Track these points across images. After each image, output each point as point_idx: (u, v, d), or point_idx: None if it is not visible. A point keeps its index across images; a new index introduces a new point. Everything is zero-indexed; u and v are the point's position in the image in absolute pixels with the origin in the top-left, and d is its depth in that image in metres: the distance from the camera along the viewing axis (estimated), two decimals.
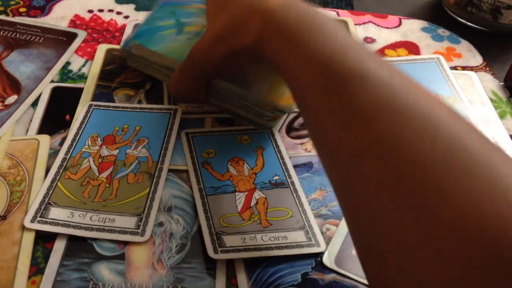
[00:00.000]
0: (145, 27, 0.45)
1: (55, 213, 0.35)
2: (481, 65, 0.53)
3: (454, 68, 0.52)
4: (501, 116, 0.47)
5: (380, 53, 0.53)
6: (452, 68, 0.52)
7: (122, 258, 0.33)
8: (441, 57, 0.52)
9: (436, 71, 0.51)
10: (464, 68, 0.52)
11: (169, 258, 0.34)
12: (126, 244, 0.34)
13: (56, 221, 0.34)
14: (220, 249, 0.33)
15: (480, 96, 0.48)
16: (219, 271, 0.33)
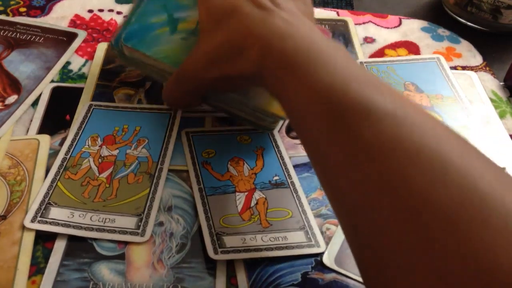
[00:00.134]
0: (135, 25, 0.42)
1: (55, 213, 0.35)
2: (481, 65, 0.53)
3: (454, 68, 0.52)
4: (501, 116, 0.47)
5: (380, 53, 0.53)
6: (452, 68, 0.52)
7: (122, 258, 0.33)
8: (441, 57, 0.52)
9: (436, 71, 0.51)
10: (464, 68, 0.52)
11: (169, 257, 0.34)
12: (126, 244, 0.34)
13: (56, 221, 0.34)
14: (220, 250, 0.33)
15: (480, 96, 0.48)
16: (219, 270, 0.33)
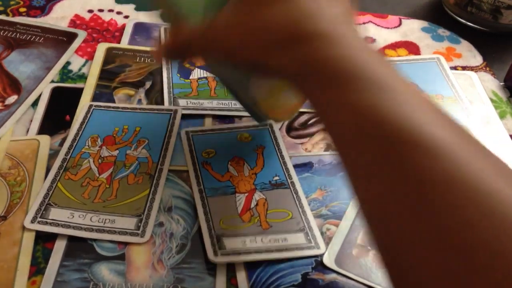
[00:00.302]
0: None
1: (55, 213, 0.35)
2: (481, 65, 0.53)
3: (454, 68, 0.52)
4: (501, 116, 0.47)
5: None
6: (452, 68, 0.52)
7: (123, 258, 0.33)
8: (441, 57, 0.52)
9: (436, 71, 0.51)
10: (464, 68, 0.52)
11: (169, 258, 0.34)
12: (126, 244, 0.34)
13: (56, 221, 0.34)
14: (220, 252, 0.33)
15: (480, 96, 0.48)
16: (219, 271, 0.33)
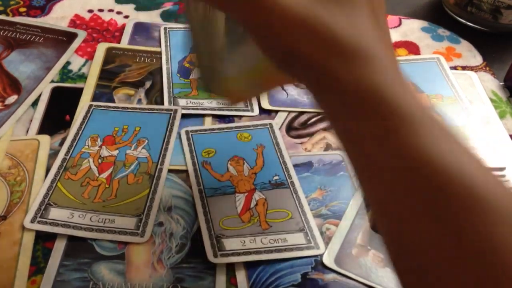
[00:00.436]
0: None
1: (55, 213, 0.35)
2: (481, 65, 0.53)
3: (454, 68, 0.52)
4: (501, 116, 0.47)
5: None
6: (452, 68, 0.52)
7: (122, 258, 0.33)
8: (441, 57, 0.52)
9: (436, 71, 0.51)
10: (464, 68, 0.52)
11: (169, 258, 0.34)
12: (126, 244, 0.34)
13: (56, 221, 0.34)
14: (220, 253, 0.33)
15: (480, 96, 0.48)
16: (219, 271, 0.33)
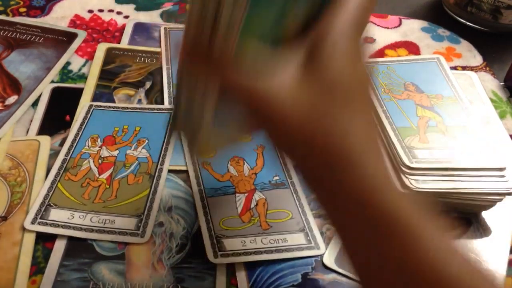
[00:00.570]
0: None
1: (55, 214, 0.35)
2: (481, 65, 0.53)
3: (454, 68, 0.52)
4: (501, 116, 0.47)
5: (380, 53, 0.53)
6: (452, 68, 0.51)
7: (122, 258, 0.33)
8: (441, 57, 0.52)
9: (436, 71, 0.50)
10: (464, 68, 0.52)
11: (169, 258, 0.34)
12: (126, 244, 0.34)
13: (56, 222, 0.34)
14: (220, 253, 0.33)
15: (480, 96, 0.48)
16: (219, 271, 0.33)
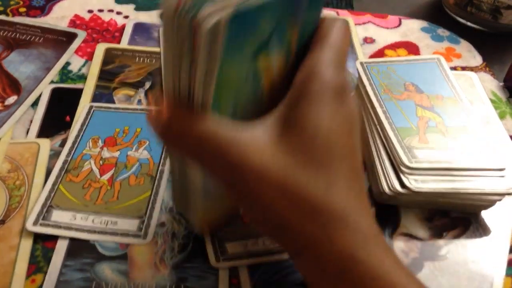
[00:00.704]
0: None
1: (57, 215, 0.35)
2: (480, 65, 0.53)
3: (454, 68, 0.52)
4: (501, 116, 0.47)
5: (380, 53, 0.53)
6: (451, 68, 0.52)
7: (125, 258, 0.33)
8: (441, 58, 0.52)
9: (436, 72, 0.51)
10: (464, 68, 0.52)
11: (171, 257, 0.34)
12: (129, 244, 0.34)
13: (58, 224, 0.34)
14: (222, 258, 0.33)
15: (480, 97, 0.49)
16: (222, 270, 0.33)
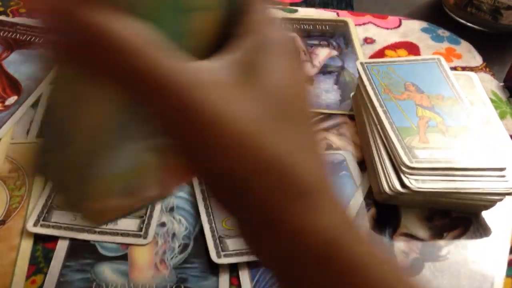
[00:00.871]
0: None
1: (58, 216, 0.35)
2: (481, 65, 0.53)
3: (454, 68, 0.52)
4: (501, 116, 0.47)
5: (380, 53, 0.53)
6: (452, 68, 0.52)
7: (125, 258, 0.33)
8: (442, 58, 0.52)
9: (436, 72, 0.51)
10: (464, 68, 0.52)
11: (172, 258, 0.34)
12: (129, 244, 0.34)
13: (58, 224, 0.34)
14: (223, 253, 0.33)
15: (480, 97, 0.49)
16: (222, 270, 0.33)
